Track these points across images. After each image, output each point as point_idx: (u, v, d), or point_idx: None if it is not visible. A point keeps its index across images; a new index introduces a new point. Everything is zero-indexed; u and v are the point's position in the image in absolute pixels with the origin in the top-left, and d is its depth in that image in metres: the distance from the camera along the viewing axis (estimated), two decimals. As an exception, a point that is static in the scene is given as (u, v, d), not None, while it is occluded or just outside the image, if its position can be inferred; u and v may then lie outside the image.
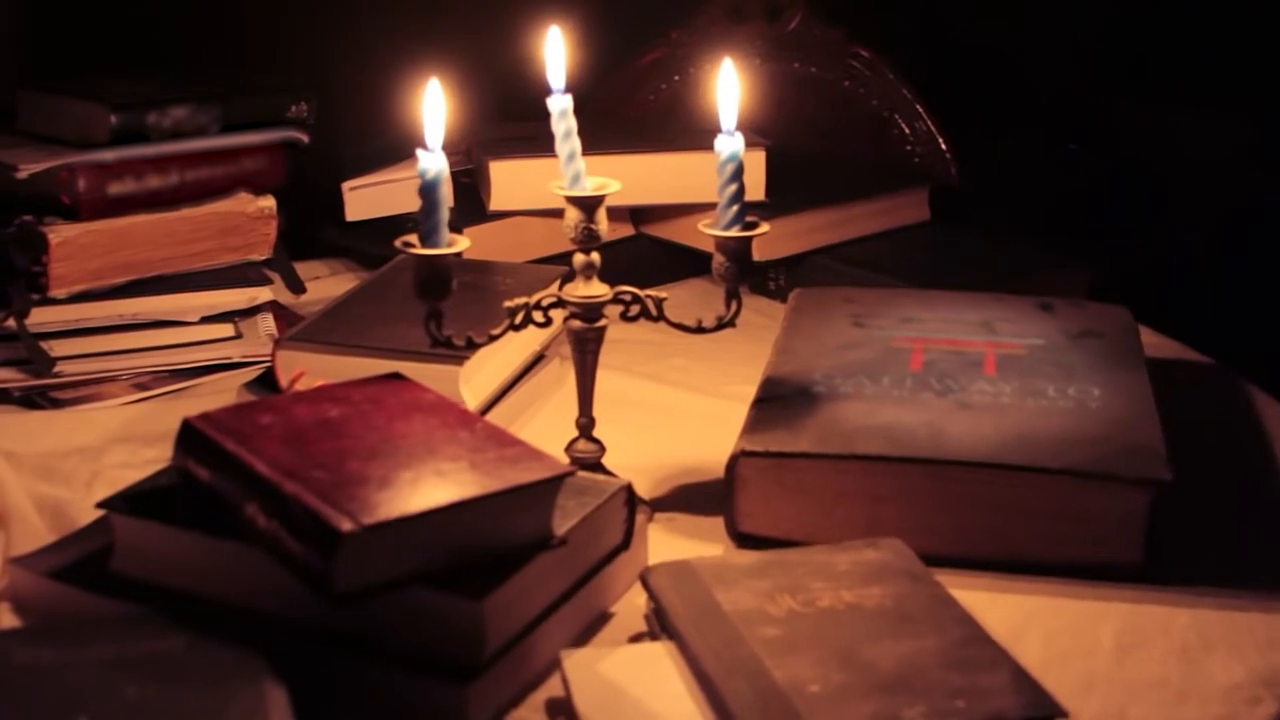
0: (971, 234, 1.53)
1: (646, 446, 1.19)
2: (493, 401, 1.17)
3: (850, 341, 1.19)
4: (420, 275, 1.00)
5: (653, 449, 1.19)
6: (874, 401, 1.09)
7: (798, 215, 1.45)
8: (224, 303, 1.31)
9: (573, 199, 1.02)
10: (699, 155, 1.43)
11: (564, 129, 1.02)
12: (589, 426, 1.07)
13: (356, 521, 0.82)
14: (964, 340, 1.19)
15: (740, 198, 1.04)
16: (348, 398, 0.97)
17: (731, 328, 1.08)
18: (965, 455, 1.01)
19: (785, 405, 1.09)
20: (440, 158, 0.98)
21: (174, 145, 1.30)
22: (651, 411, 1.26)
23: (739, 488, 1.04)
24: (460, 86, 1.62)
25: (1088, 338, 1.20)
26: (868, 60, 1.76)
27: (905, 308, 1.26)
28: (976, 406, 1.08)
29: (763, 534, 1.04)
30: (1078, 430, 1.05)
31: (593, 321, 1.04)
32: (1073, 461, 1.00)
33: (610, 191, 1.03)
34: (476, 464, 0.89)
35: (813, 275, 1.46)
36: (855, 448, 1.02)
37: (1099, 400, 1.09)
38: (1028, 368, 1.14)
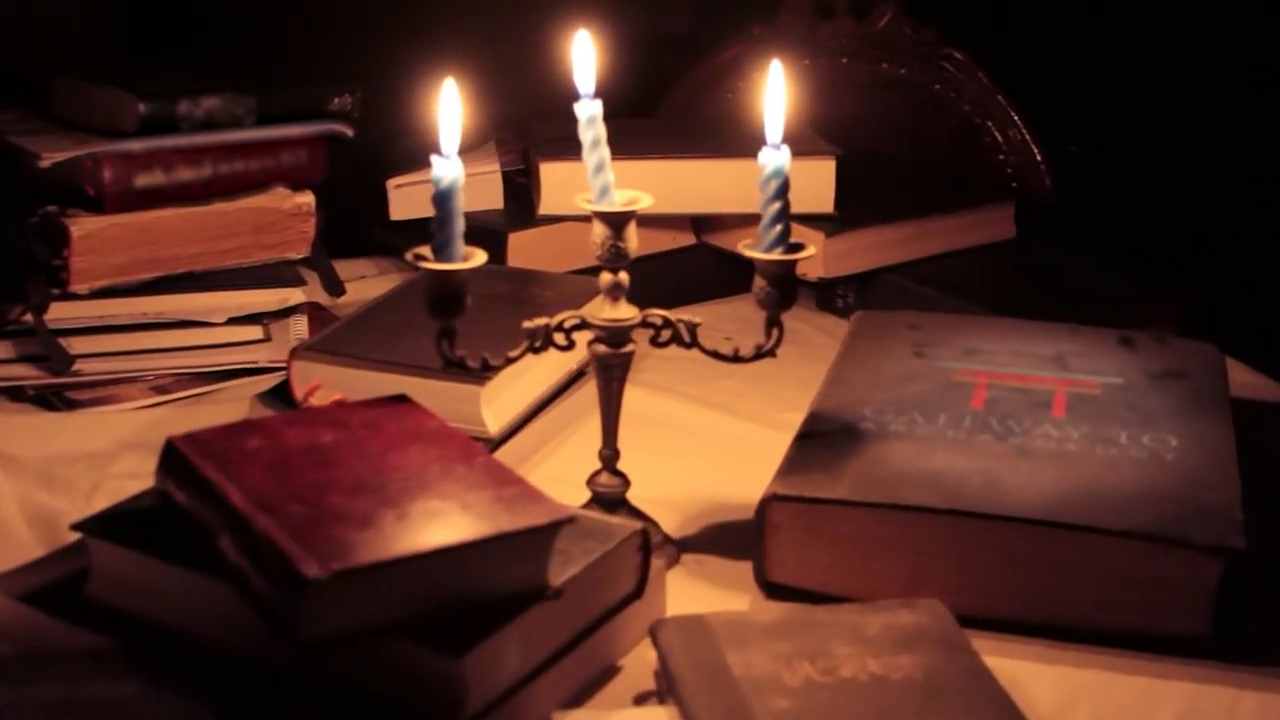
0: (1061, 253, 1.43)
1: (681, 478, 1.11)
2: (521, 424, 1.10)
3: (909, 373, 1.10)
4: (432, 291, 0.93)
5: (688, 481, 1.11)
6: (926, 443, 1.00)
7: (869, 230, 1.36)
8: (253, 303, 1.25)
9: (600, 214, 0.94)
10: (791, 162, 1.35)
11: (592, 137, 0.94)
12: (613, 459, 0.99)
13: (325, 566, 0.75)
14: (1033, 376, 1.10)
15: (784, 217, 0.95)
16: (345, 421, 0.90)
17: (772, 357, 0.99)
18: (1018, 510, 0.92)
19: (828, 443, 1.00)
20: (455, 165, 0.91)
21: (206, 136, 1.24)
22: (692, 438, 1.17)
23: (769, 534, 0.95)
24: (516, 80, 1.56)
25: (1170, 378, 1.10)
26: (961, 63, 1.66)
27: (973, 337, 1.16)
28: (1038, 453, 0.98)
29: (794, 584, 0.95)
30: (1148, 485, 0.95)
31: (619, 346, 0.96)
32: (1138, 522, 0.90)
33: (641, 207, 0.95)
34: (469, 505, 0.81)
35: (883, 294, 1.37)
36: (898, 496, 0.93)
37: (1175, 451, 0.99)
38: (1100, 410, 1.05)
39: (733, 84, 1.65)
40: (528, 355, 0.97)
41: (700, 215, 1.39)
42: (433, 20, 1.59)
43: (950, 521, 0.92)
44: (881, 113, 1.66)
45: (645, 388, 1.24)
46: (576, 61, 0.95)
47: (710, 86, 1.65)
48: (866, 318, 1.22)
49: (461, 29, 1.58)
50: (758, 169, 1.36)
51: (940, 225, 1.40)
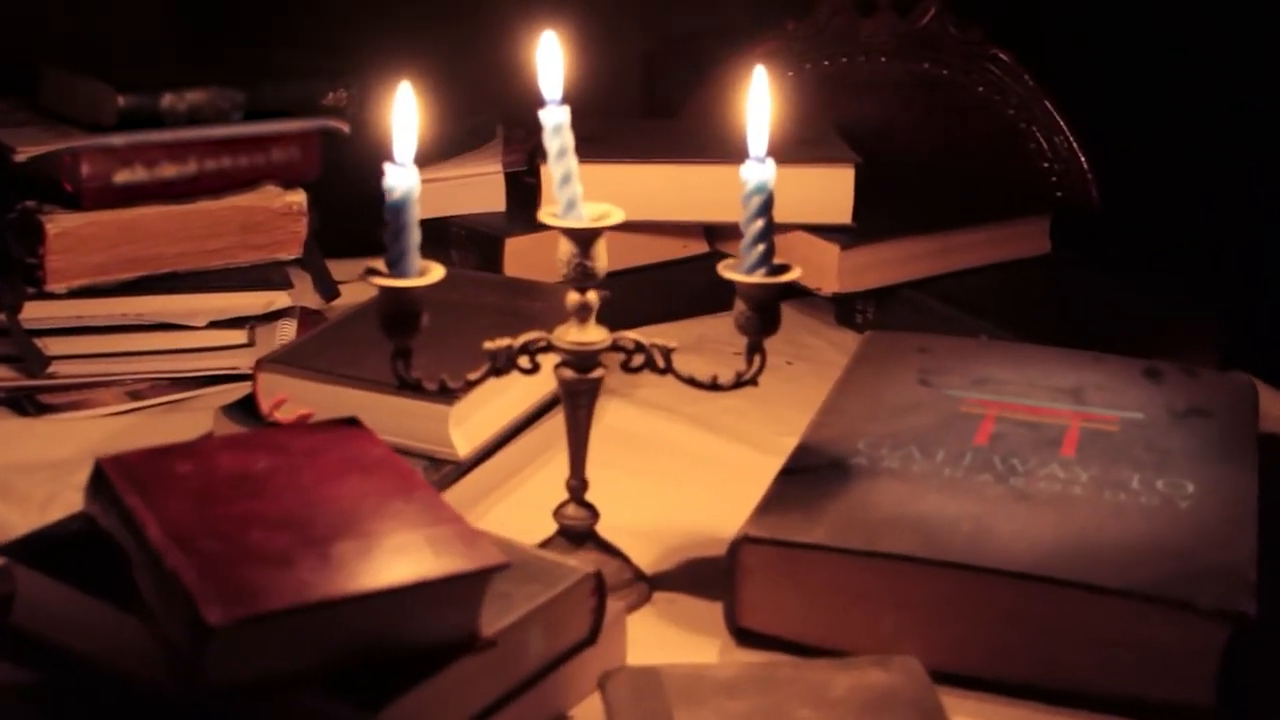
0: (1098, 271, 1.34)
1: (664, 506, 1.05)
2: (496, 446, 1.04)
3: (912, 402, 1.03)
4: (385, 309, 0.87)
5: (671, 510, 1.04)
6: (919, 482, 0.93)
7: (889, 243, 1.28)
8: (235, 306, 1.19)
9: (565, 230, 0.88)
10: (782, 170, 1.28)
11: (558, 146, 0.88)
12: (580, 490, 0.93)
13: (229, 612, 0.69)
14: (1047, 409, 1.02)
15: (767, 236, 0.88)
16: (285, 447, 0.85)
17: (753, 385, 0.92)
18: (1006, 562, 0.84)
19: (812, 480, 0.93)
20: (410, 173, 0.85)
21: (191, 131, 1.19)
22: (683, 462, 1.11)
23: (741, 577, 0.88)
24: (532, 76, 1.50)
25: (1195, 416, 1.02)
26: (1006, 64, 1.57)
27: (987, 364, 1.08)
28: (1039, 497, 0.91)
29: (767, 632, 0.88)
30: (1155, 538, 0.87)
31: (586, 372, 0.90)
32: (1138, 580, 0.83)
33: (611, 224, 0.89)
34: (398, 546, 0.75)
35: (902, 311, 1.29)
36: (878, 544, 0.86)
37: (1191, 499, 0.91)
38: (1114, 450, 0.97)
39: (765, 83, 1.58)
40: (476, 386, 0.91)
41: (709, 224, 1.32)
42: (446, 9, 1.53)
43: (932, 573, 0.85)
44: (920, 115, 1.58)
45: (642, 406, 1.18)
46: (542, 64, 0.88)
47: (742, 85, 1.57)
48: (875, 339, 1.15)
49: (473, 19, 1.52)
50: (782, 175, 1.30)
51: (968, 239, 1.32)
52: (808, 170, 1.27)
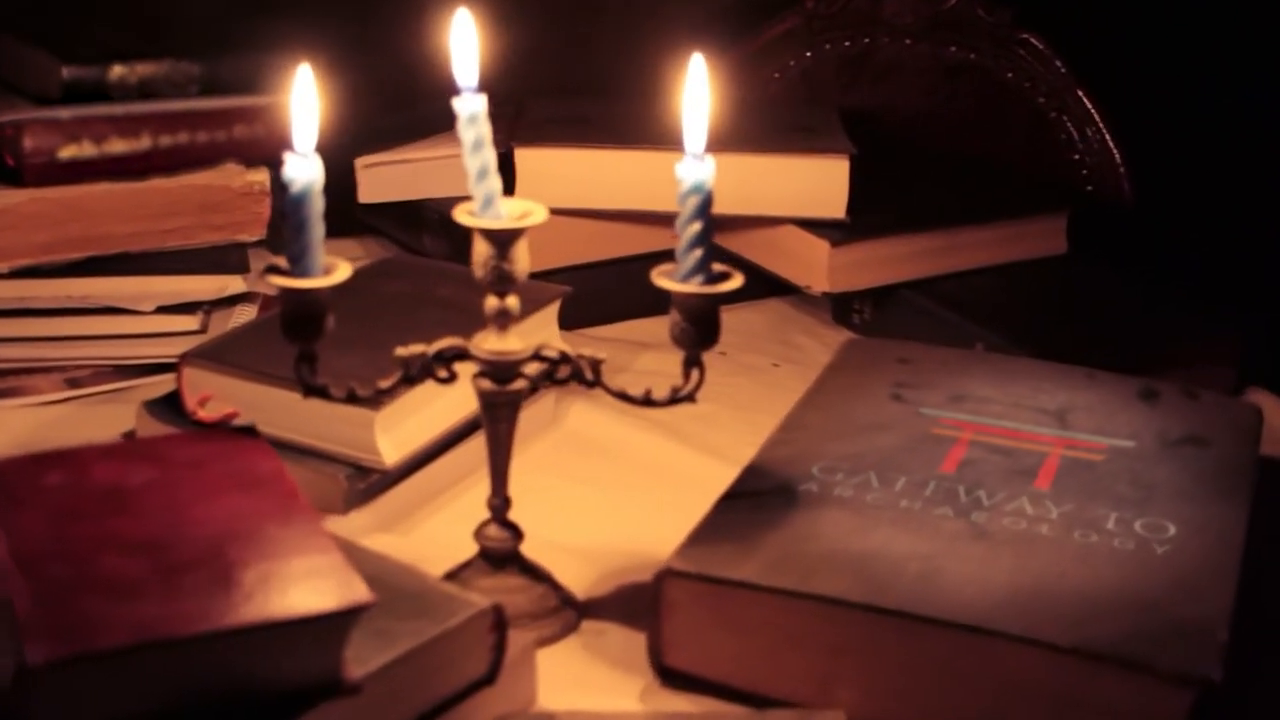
0: (1115, 275, 1.25)
1: (611, 522, 0.97)
2: (432, 454, 0.97)
3: (880, 421, 0.95)
4: (285, 310, 0.80)
5: (618, 527, 0.97)
6: (870, 514, 0.85)
7: (886, 240, 1.19)
8: (187, 290, 1.13)
9: (481, 231, 0.81)
10: (773, 160, 1.20)
11: (473, 138, 0.80)
12: (502, 509, 0.86)
13: (54, 650, 0.63)
14: (1027, 433, 0.94)
15: (705, 241, 0.81)
16: (167, 458, 0.78)
17: (691, 402, 0.85)
18: (950, 611, 0.76)
19: (754, 507, 0.86)
20: (311, 164, 0.78)
21: (142, 106, 1.13)
22: (641, 473, 1.03)
23: (666, 613, 0.81)
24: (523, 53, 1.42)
25: (1189, 445, 0.93)
26: (1038, 50, 1.47)
27: (969, 378, 1.00)
28: (999, 536, 0.83)
29: (693, 673, 0.81)
30: (1122, 587, 0.79)
31: (505, 383, 0.83)
32: (1094, 637, 0.74)
33: (532, 224, 0.81)
34: (258, 578, 0.68)
35: (900, 313, 1.21)
36: (811, 584, 0.78)
37: (1170, 544, 0.83)
38: (1094, 483, 0.88)
39: (782, 62, 1.49)
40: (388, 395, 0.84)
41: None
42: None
43: (869, 619, 0.77)
44: (944, 102, 1.49)
45: (608, 408, 1.10)
46: (454, 47, 0.81)
47: (756, 66, 1.49)
48: (855, 347, 1.06)
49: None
50: (769, 167, 1.23)
51: (975, 237, 1.23)
52: (799, 161, 1.19)
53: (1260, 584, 0.87)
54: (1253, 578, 0.86)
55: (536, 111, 1.28)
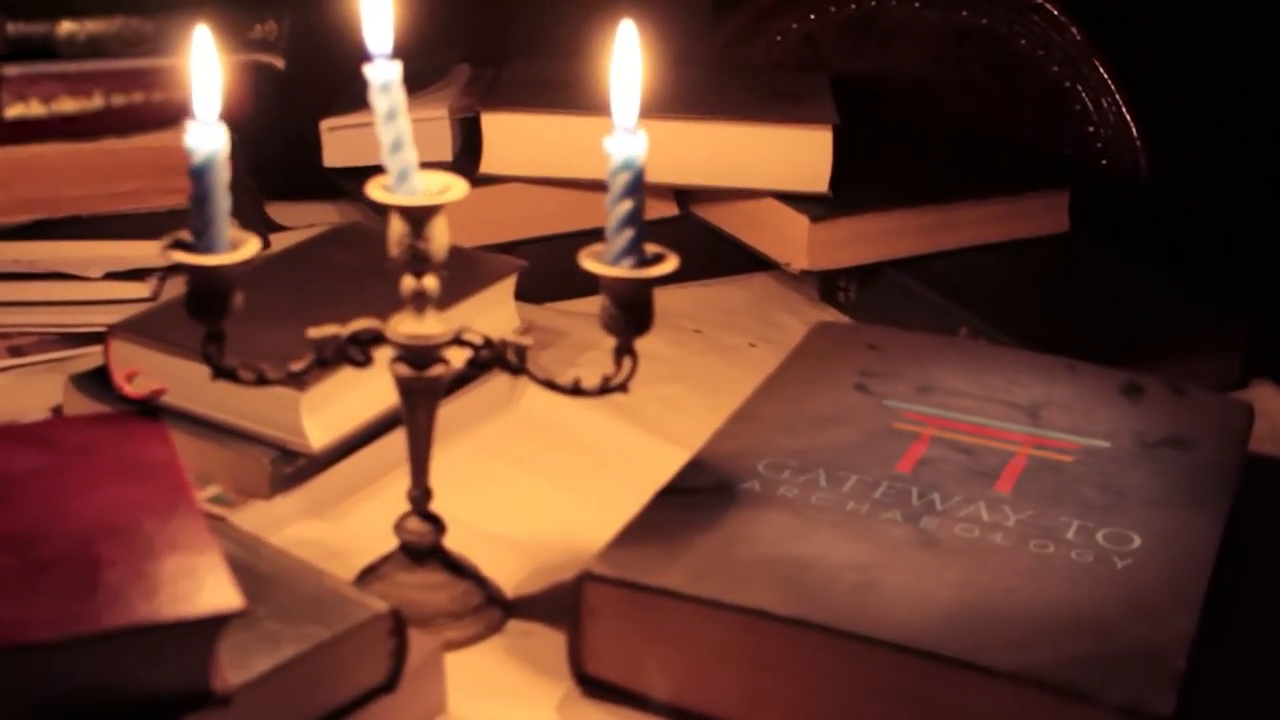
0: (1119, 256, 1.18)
1: (554, 513, 0.92)
2: (367, 437, 0.92)
3: (839, 413, 0.89)
4: (191, 288, 0.76)
5: (560, 519, 0.92)
6: (813, 517, 0.79)
7: (873, 215, 1.13)
8: (138, 256, 1.08)
9: (396, 207, 0.76)
10: (753, 129, 1.14)
11: (387, 107, 0.75)
12: (423, 501, 0.81)
13: (-113, 655, 0.59)
14: (995, 430, 0.88)
15: (636, 221, 0.75)
16: (56, 443, 0.74)
17: (622, 392, 0.79)
18: (883, 628, 0.70)
19: (690, 505, 0.80)
20: (215, 133, 0.73)
21: (93, 64, 1.08)
22: (593, 459, 0.98)
23: (586, 619, 0.76)
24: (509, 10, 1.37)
25: (1169, 447, 0.87)
26: (1053, 16, 1.40)
27: (941, 368, 0.94)
28: (948, 545, 0.77)
29: (615, 682, 0.76)
30: (1075, 606, 0.73)
31: (423, 369, 0.78)
32: (1036, 662, 0.69)
33: (450, 200, 0.76)
34: (121, 580, 0.63)
35: (884, 293, 1.15)
36: (736, 594, 0.73)
37: (1133, 557, 0.76)
38: (1060, 487, 0.82)
39: (784, 24, 1.43)
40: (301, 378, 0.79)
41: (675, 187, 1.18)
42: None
43: (796, 633, 0.72)
44: (953, 69, 1.42)
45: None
46: (365, 11, 0.75)
47: (757, 26, 1.43)
48: (824, 331, 1.00)
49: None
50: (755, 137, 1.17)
51: (970, 214, 1.16)
52: (780, 130, 1.12)
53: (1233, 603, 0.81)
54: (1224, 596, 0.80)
55: (515, 74, 1.23)
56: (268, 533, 0.88)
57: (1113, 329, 1.08)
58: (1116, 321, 1.09)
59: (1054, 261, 1.18)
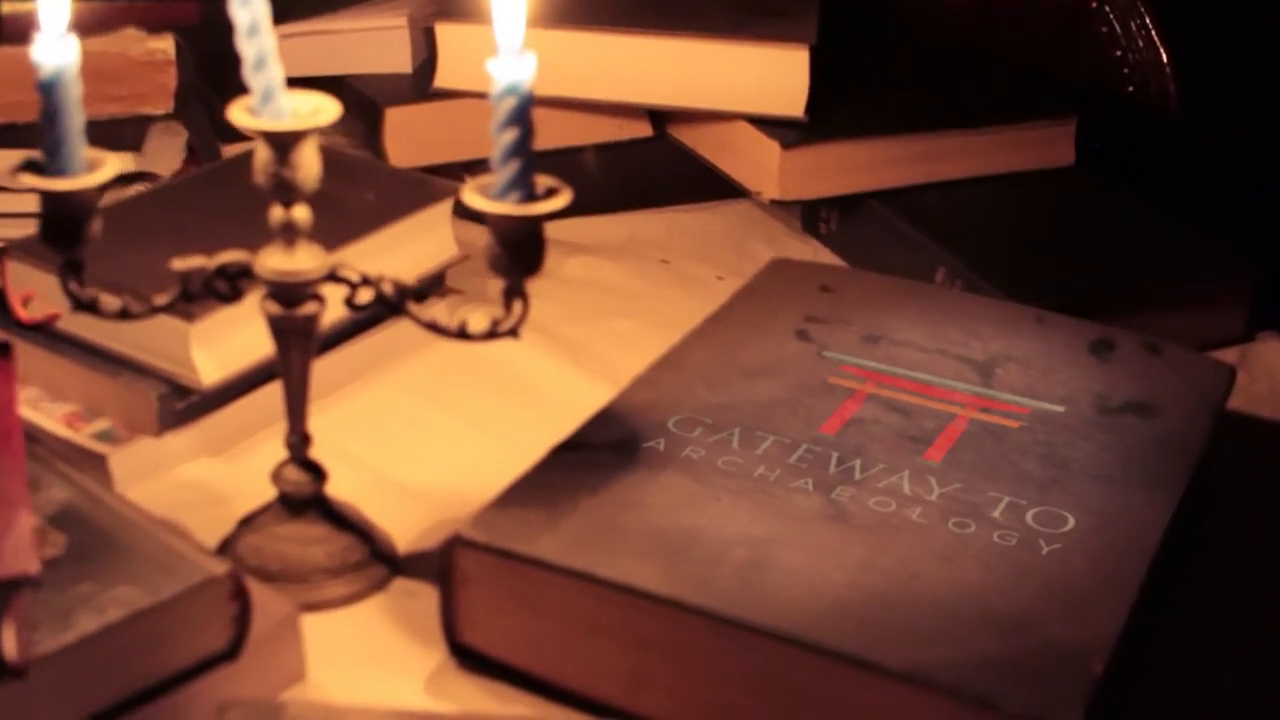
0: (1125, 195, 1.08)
1: (468, 460, 0.86)
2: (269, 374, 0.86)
3: (772, 363, 0.82)
4: (43, 214, 0.70)
5: (473, 467, 0.85)
6: (714, 482, 0.72)
7: (850, 143, 1.04)
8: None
9: (260, 132, 0.69)
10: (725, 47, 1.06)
11: (248, 20, 0.68)
12: (301, 446, 0.75)
13: None
14: (940, 389, 0.80)
15: (523, 151, 0.68)
16: (-111, 378, 0.69)
17: (513, 338, 0.73)
18: (764, 614, 0.64)
19: (584, 464, 0.73)
20: (66, 46, 0.67)
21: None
22: (523, 400, 0.91)
23: (459, 585, 0.70)
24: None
25: (1130, 414, 0.79)
26: (1082, -73, 1.30)
27: (895, 316, 0.86)
28: (858, 520, 0.70)
29: (491, 654, 0.70)
30: (987, 596, 0.65)
31: (294, 306, 0.71)
32: (932, 661, 0.62)
33: (319, 124, 0.69)
34: (-85, 535, 0.59)
35: (865, 227, 1.06)
36: (612, 568, 0.66)
37: (1063, 541, 0.69)
38: (998, 457, 0.74)
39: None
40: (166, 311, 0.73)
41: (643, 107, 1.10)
42: None
43: (673, 614, 0.65)
44: (971, -16, 1.33)
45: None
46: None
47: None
48: (777, 270, 0.92)
49: None
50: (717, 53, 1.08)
51: (962, 144, 1.07)
52: (754, 49, 1.04)
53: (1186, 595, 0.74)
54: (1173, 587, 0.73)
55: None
56: (155, 472, 0.83)
57: (1105, 276, 0.99)
58: (1111, 267, 1.00)
59: (1054, 198, 1.08)
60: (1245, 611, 0.76)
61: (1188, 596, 0.75)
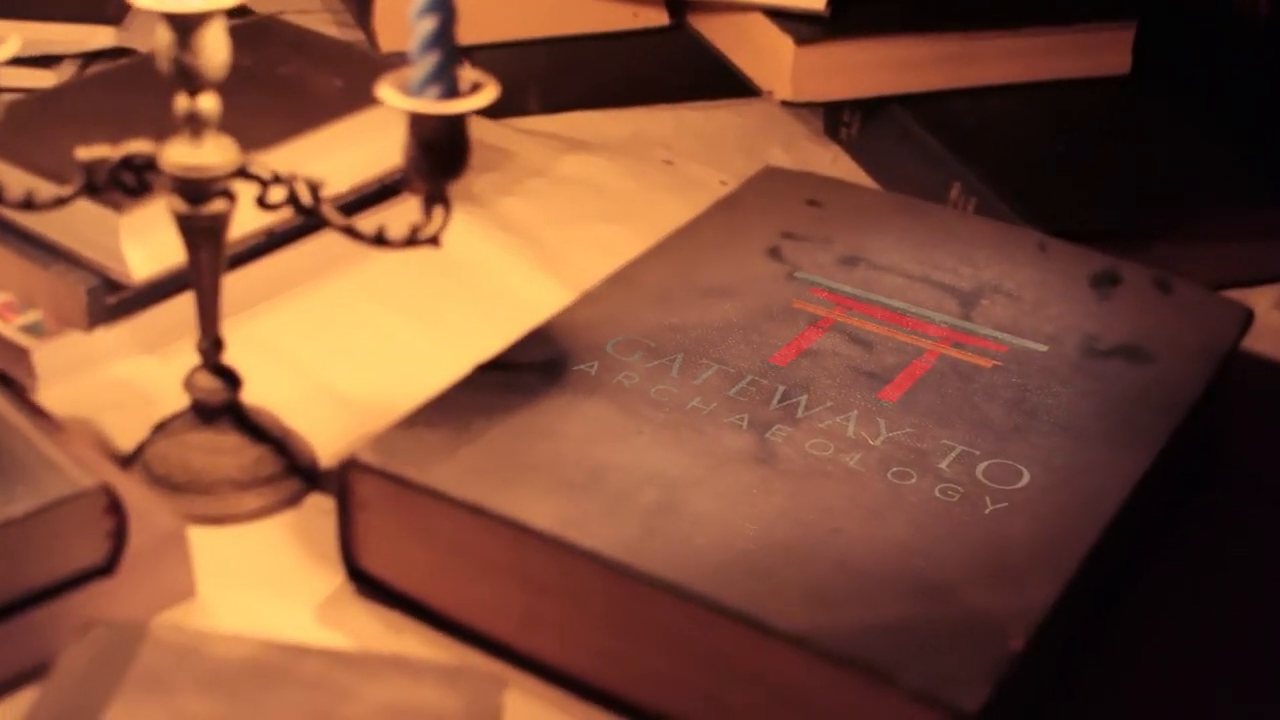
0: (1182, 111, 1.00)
1: (415, 369, 0.80)
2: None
3: (735, 284, 0.75)
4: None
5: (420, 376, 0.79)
6: (641, 413, 0.66)
7: (874, 41, 0.96)
8: (45, 40, 0.97)
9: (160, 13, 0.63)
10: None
11: (144, -109, 0.62)
12: (213, 352, 0.70)
13: None
14: (913, 320, 0.73)
15: (442, 42, 0.62)
16: None
17: (434, 246, 0.67)
18: (660, 563, 0.58)
19: (504, 386, 0.68)
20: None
21: None
22: (485, 306, 0.85)
23: (356, 509, 0.65)
24: None
25: (1119, 358, 0.71)
26: None
27: (881, 237, 0.79)
28: (786, 464, 0.63)
29: (389, 582, 0.66)
30: (911, 557, 0.59)
31: (200, 203, 0.67)
32: (834, 626, 0.56)
33: (225, 6, 0.63)
34: None
35: (885, 133, 0.99)
36: (504, 502, 0.61)
37: (1011, 499, 0.62)
38: (960, 400, 0.68)
39: None
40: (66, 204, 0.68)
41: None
42: None
43: (564, 556, 0.60)
44: None
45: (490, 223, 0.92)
46: None
47: None
48: (765, 179, 0.85)
49: None
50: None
51: (997, 46, 0.99)
52: (770, -65, 0.97)
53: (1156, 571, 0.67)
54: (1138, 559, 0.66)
55: None
56: (83, 369, 0.79)
57: (1141, 202, 0.90)
58: (1150, 193, 0.91)
59: (1099, 113, 1.00)
60: (1236, 594, 0.68)
61: (1166, 571, 0.68)
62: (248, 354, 0.78)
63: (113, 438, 0.75)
